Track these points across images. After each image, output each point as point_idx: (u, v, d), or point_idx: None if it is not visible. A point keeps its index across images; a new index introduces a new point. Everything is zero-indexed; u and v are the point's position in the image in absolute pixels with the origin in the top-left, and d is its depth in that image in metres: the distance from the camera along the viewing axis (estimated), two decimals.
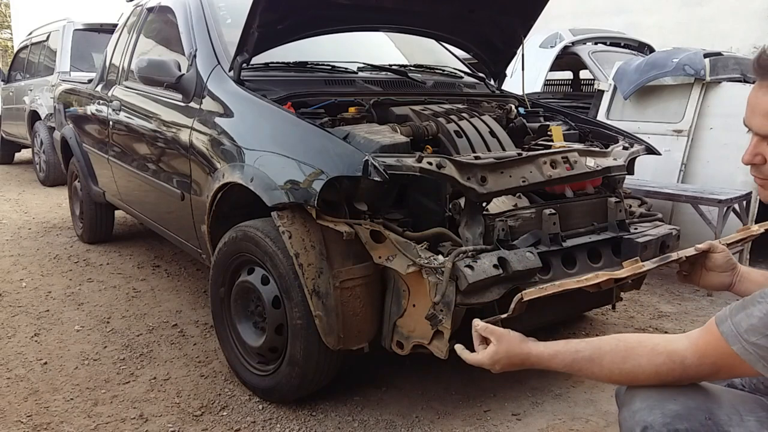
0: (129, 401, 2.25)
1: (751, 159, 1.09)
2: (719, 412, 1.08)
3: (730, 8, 7.69)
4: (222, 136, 2.40)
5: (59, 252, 4.21)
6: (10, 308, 3.16)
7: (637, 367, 1.10)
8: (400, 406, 2.21)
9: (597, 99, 4.57)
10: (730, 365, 1.03)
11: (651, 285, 3.49)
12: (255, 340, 2.21)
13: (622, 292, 2.49)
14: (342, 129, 2.10)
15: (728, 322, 1.03)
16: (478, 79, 3.25)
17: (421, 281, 1.79)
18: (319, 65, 2.77)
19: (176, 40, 2.97)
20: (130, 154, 3.34)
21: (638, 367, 1.10)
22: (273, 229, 2.02)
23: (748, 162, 1.11)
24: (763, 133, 1.06)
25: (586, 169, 2.16)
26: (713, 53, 4.06)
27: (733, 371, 1.04)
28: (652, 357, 1.09)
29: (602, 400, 2.25)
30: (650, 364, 1.09)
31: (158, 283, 3.56)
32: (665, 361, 1.08)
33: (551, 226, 2.04)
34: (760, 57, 1.04)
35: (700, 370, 1.07)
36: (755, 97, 1.06)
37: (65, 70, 6.52)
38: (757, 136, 1.07)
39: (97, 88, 3.96)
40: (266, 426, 2.10)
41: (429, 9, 2.78)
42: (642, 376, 1.10)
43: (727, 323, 1.03)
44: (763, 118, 1.04)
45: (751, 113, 1.07)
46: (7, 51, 25.60)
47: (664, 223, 2.43)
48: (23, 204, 5.97)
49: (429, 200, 2.01)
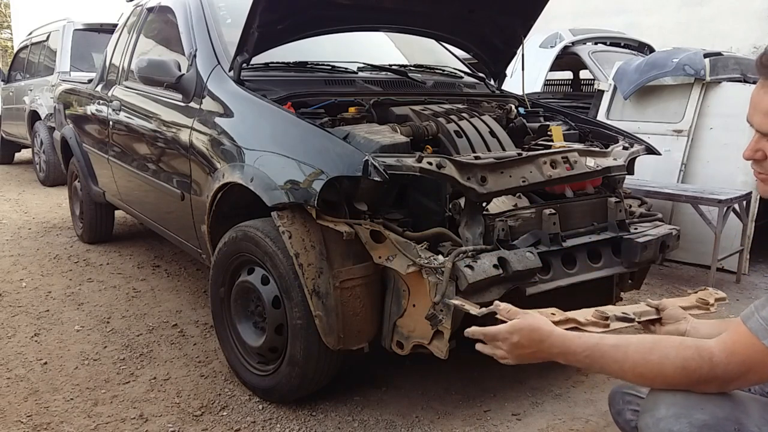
0: (129, 401, 2.25)
1: (752, 155, 1.10)
2: (748, 422, 1.04)
3: (730, 8, 7.69)
4: (222, 136, 2.40)
5: (59, 252, 4.21)
6: (10, 308, 3.16)
7: (664, 358, 1.06)
8: (400, 406, 2.21)
9: (597, 99, 4.58)
10: (762, 362, 1.00)
11: (651, 285, 3.49)
12: (255, 340, 2.21)
13: (622, 292, 2.49)
14: (342, 129, 2.10)
15: (755, 317, 1.01)
16: (478, 79, 3.25)
17: (421, 281, 1.79)
18: (319, 65, 2.77)
19: (176, 40, 2.97)
20: (130, 154, 3.34)
21: (665, 359, 1.05)
22: (273, 229, 2.02)
23: (748, 157, 1.11)
24: (764, 131, 1.07)
25: (586, 169, 2.16)
26: (713, 53, 4.06)
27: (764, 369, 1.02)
28: (681, 350, 1.06)
29: (602, 400, 2.25)
30: (678, 357, 1.05)
31: (158, 283, 3.56)
32: (693, 355, 1.05)
33: (551, 226, 2.04)
34: (764, 56, 1.05)
35: (728, 369, 1.03)
36: (757, 95, 1.07)
37: (65, 70, 6.52)
38: (759, 133, 1.08)
39: (97, 88, 3.96)
40: (266, 426, 2.10)
41: (429, 9, 2.78)
42: (668, 369, 1.06)
43: (754, 318, 1.01)
44: (764, 116, 1.06)
45: (753, 110, 1.08)
46: (7, 51, 25.61)
47: (664, 223, 2.43)
48: (23, 204, 5.97)
49: (429, 200, 2.01)
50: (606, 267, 2.17)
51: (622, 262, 2.21)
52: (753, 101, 1.08)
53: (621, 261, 2.21)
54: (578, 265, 2.09)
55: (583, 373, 2.44)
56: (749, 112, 1.09)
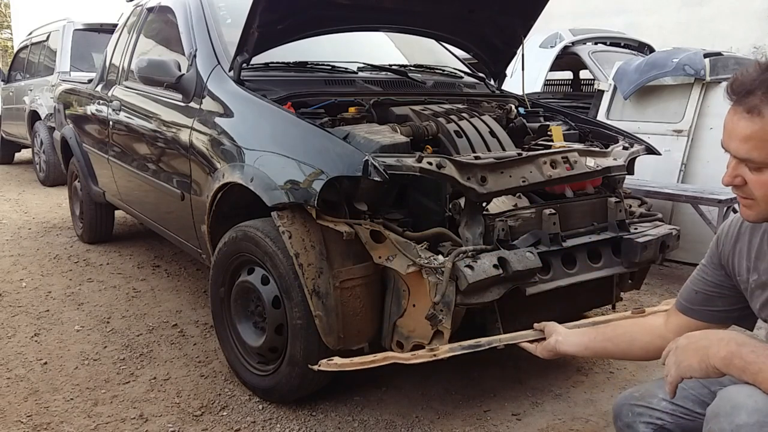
0: (129, 401, 2.25)
1: (731, 181, 1.09)
2: None
3: (730, 8, 7.69)
4: (222, 136, 2.40)
5: (59, 252, 4.21)
6: (10, 308, 3.16)
7: None
8: (400, 406, 2.21)
9: (597, 99, 4.58)
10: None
11: (651, 285, 3.49)
12: (255, 340, 2.21)
13: (622, 292, 2.49)
14: (342, 129, 2.10)
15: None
16: (478, 79, 3.25)
17: (421, 281, 1.79)
18: (319, 65, 2.77)
19: (176, 40, 2.97)
20: (130, 154, 3.34)
21: None
22: (273, 229, 2.01)
23: (728, 183, 1.11)
24: (741, 156, 1.06)
25: (586, 169, 2.16)
26: (713, 53, 4.06)
27: None
28: None
29: (602, 400, 2.25)
30: None
31: (158, 283, 3.56)
32: None
33: (551, 226, 2.04)
34: (733, 82, 1.05)
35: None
36: (731, 122, 1.06)
37: (65, 70, 6.51)
38: (736, 159, 1.08)
39: (97, 88, 3.96)
40: (266, 426, 2.10)
41: (429, 9, 2.78)
42: None
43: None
44: (740, 143, 1.04)
45: (728, 137, 1.07)
46: (7, 51, 25.60)
47: (664, 223, 2.43)
48: (23, 204, 5.97)
49: (429, 200, 2.01)
50: (606, 267, 2.17)
51: (622, 262, 2.21)
52: (727, 128, 1.07)
53: (621, 261, 2.21)
54: (578, 265, 2.09)
55: (583, 373, 2.44)
56: (724, 139, 1.08)
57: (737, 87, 1.05)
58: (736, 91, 1.05)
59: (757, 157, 1.03)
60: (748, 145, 1.03)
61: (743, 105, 1.03)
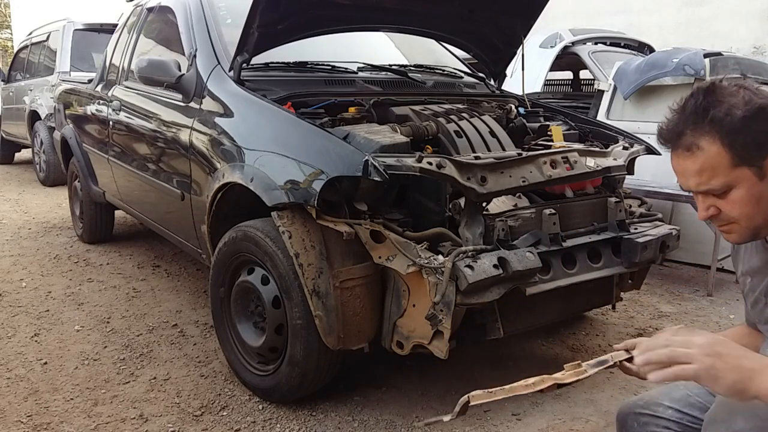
0: (129, 401, 2.25)
1: (706, 214, 1.10)
2: None
3: (730, 8, 7.68)
4: (222, 136, 2.40)
5: (59, 252, 4.21)
6: (10, 308, 3.16)
7: None
8: (400, 406, 2.21)
9: (597, 99, 4.57)
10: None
11: (651, 285, 3.49)
12: (255, 340, 2.21)
13: (622, 292, 2.49)
14: (342, 129, 2.10)
15: None
16: (478, 79, 3.25)
17: (421, 281, 1.79)
18: (319, 65, 2.77)
19: (176, 40, 2.97)
20: (130, 154, 3.34)
21: None
22: (273, 229, 2.02)
23: (705, 218, 1.11)
24: (703, 189, 1.07)
25: (586, 169, 2.16)
26: (713, 53, 4.06)
27: None
28: None
29: (602, 400, 2.25)
30: None
31: (158, 283, 3.56)
32: None
33: (551, 226, 2.05)
34: (661, 134, 1.08)
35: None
36: (679, 165, 1.08)
37: (65, 70, 6.51)
38: (700, 194, 1.09)
39: (97, 88, 3.96)
40: (266, 426, 2.10)
41: (429, 9, 2.78)
42: None
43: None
44: (696, 178, 1.06)
45: (684, 179, 1.09)
46: (7, 51, 25.59)
47: (664, 223, 2.43)
48: (23, 204, 5.97)
49: (429, 200, 2.01)
50: (606, 267, 2.17)
51: (622, 262, 2.21)
52: (678, 171, 1.09)
53: (621, 261, 2.21)
54: (578, 265, 2.09)
55: None
56: (681, 182, 1.10)
57: (667, 135, 1.08)
58: (668, 139, 1.08)
59: (717, 184, 1.05)
60: (703, 177, 1.05)
61: (681, 147, 1.06)
